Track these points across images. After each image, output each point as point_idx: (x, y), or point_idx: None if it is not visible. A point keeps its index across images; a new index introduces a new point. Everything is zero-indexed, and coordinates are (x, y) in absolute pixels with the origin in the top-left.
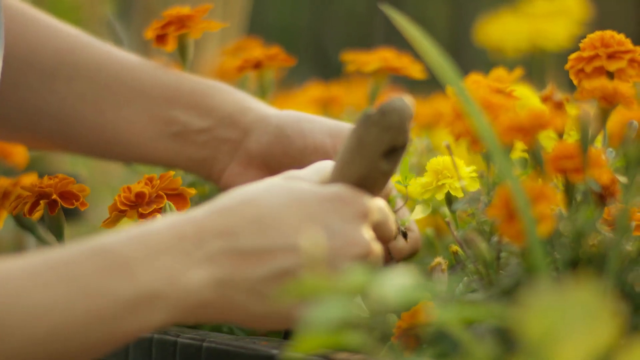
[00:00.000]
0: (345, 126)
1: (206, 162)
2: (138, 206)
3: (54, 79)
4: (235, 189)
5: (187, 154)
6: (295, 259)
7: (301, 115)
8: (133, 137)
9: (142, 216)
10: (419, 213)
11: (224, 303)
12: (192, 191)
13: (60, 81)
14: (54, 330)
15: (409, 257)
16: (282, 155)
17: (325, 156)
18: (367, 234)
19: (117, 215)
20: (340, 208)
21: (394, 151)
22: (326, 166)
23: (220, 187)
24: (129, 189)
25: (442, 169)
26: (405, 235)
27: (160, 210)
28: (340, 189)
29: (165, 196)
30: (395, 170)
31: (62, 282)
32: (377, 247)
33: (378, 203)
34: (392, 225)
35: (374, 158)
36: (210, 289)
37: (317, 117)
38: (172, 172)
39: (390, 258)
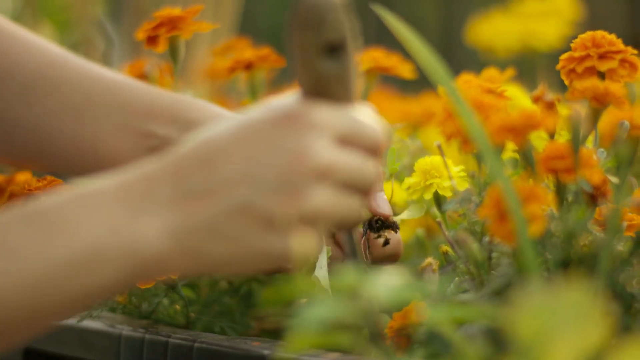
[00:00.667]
0: None
1: None
2: None
3: (32, 93)
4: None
5: None
6: (249, 190)
7: None
8: (110, 151)
9: None
10: (413, 214)
11: (184, 252)
12: None
13: (39, 95)
14: None
15: (389, 260)
16: None
17: None
18: (325, 145)
19: None
20: (291, 123)
21: (334, 50)
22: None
23: None
24: None
25: (430, 168)
26: (386, 242)
27: None
28: (289, 106)
29: None
30: (346, 71)
31: None
32: (346, 159)
33: (343, 111)
34: (372, 132)
35: (312, 61)
36: (164, 239)
37: None
38: None
39: (368, 255)
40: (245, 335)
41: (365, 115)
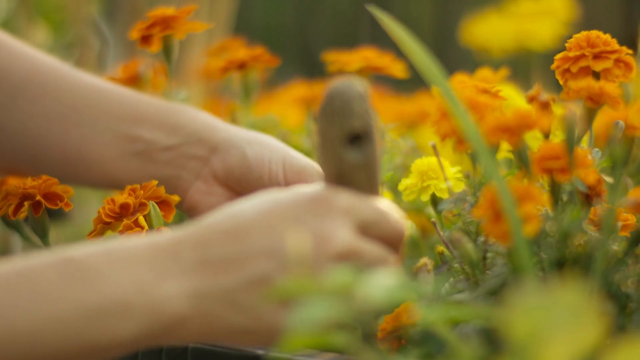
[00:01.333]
0: (302, 160)
1: (170, 180)
2: (123, 217)
3: (20, 98)
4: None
5: (151, 173)
6: (270, 264)
7: (265, 141)
8: (96, 155)
9: (127, 227)
10: None
11: (201, 317)
12: (176, 198)
13: (26, 100)
14: (14, 334)
15: None
16: (242, 180)
17: (278, 187)
18: (347, 231)
19: (103, 228)
20: (316, 207)
21: (358, 139)
22: None
23: (184, 206)
24: (112, 200)
25: (427, 170)
26: None
27: (145, 216)
28: (317, 189)
29: (148, 203)
30: (371, 160)
31: (25, 286)
32: (366, 247)
33: (367, 201)
34: (395, 225)
35: (337, 149)
36: (185, 301)
37: (278, 145)
38: (155, 182)
39: None
40: None
41: (389, 207)
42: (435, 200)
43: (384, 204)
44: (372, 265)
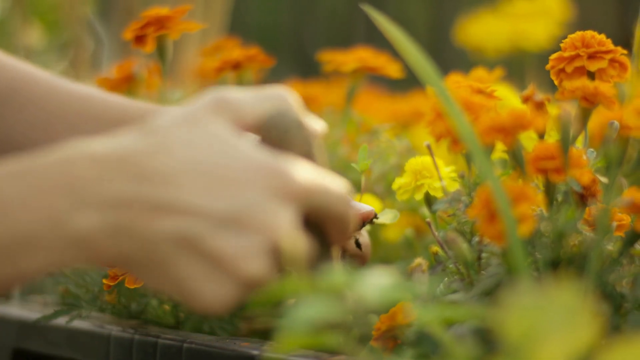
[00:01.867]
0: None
1: None
2: None
3: (5, 107)
4: (168, 115)
5: None
6: (202, 225)
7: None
8: None
9: None
10: (388, 218)
11: (114, 253)
12: None
13: (12, 109)
14: None
15: (359, 262)
16: None
17: None
18: (291, 218)
19: None
20: (268, 179)
21: None
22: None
23: None
24: None
25: (421, 169)
26: (357, 244)
27: None
28: (273, 160)
29: None
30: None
31: None
32: (299, 244)
33: (320, 181)
34: (338, 210)
35: None
36: (102, 233)
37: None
38: None
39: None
40: (234, 335)
41: (340, 193)
42: (429, 200)
43: (338, 185)
44: (296, 253)
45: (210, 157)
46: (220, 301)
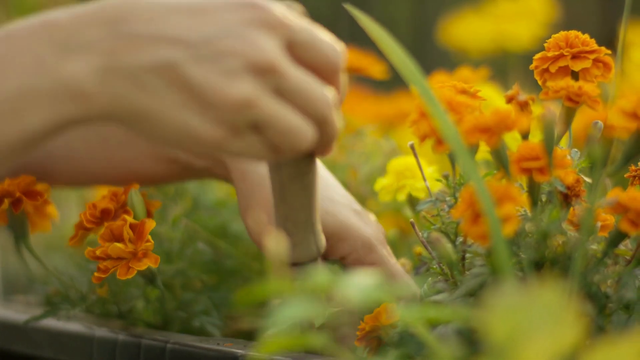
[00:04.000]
0: None
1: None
2: (104, 221)
3: None
4: None
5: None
6: (180, 53)
7: None
8: (141, 174)
9: (111, 230)
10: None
11: (107, 93)
12: (158, 204)
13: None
14: None
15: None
16: None
17: None
18: (273, 44)
19: (84, 233)
20: (242, 10)
21: None
22: None
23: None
24: (94, 205)
25: (404, 169)
26: None
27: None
28: None
29: (131, 211)
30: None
31: None
32: (291, 70)
33: (302, 20)
34: (328, 52)
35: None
36: (90, 76)
37: None
38: (137, 185)
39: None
40: (222, 335)
41: (324, 34)
42: (412, 201)
43: (320, 31)
44: (301, 92)
45: (190, 2)
46: (211, 130)
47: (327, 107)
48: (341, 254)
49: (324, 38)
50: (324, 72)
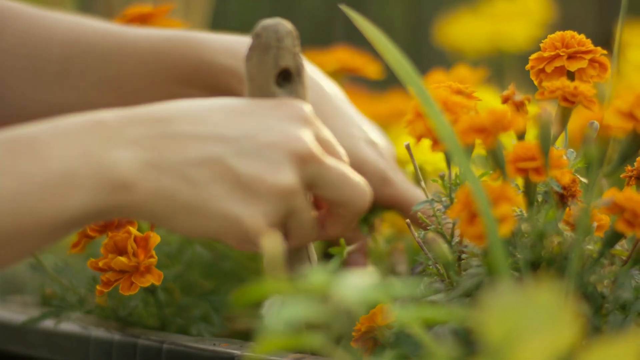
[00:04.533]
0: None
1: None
2: (108, 230)
3: (66, 77)
4: None
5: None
6: (225, 148)
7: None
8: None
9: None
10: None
11: (149, 186)
12: None
13: (74, 78)
14: None
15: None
16: None
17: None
18: (310, 136)
19: (86, 241)
20: (277, 109)
21: (288, 76)
22: None
23: None
24: None
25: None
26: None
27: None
28: (287, 99)
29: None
30: (299, 99)
31: None
32: (327, 159)
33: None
34: (340, 148)
35: (267, 84)
36: (134, 169)
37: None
38: None
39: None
40: (220, 336)
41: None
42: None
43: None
44: (335, 181)
45: (227, 102)
46: (257, 220)
47: (364, 197)
48: None
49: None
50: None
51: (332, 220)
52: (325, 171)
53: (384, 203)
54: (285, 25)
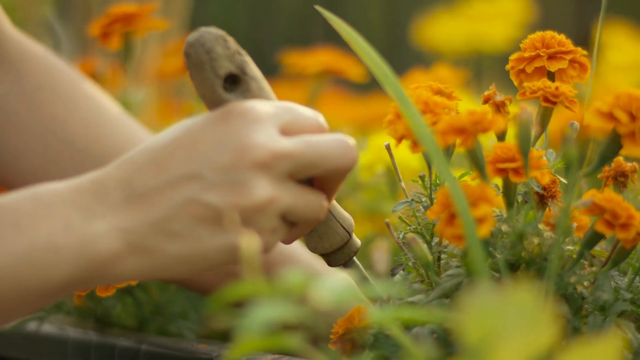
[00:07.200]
0: None
1: None
2: None
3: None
4: None
5: None
6: (195, 186)
7: None
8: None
9: None
10: None
11: (137, 252)
12: None
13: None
14: None
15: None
16: None
17: None
18: (271, 134)
19: None
20: (223, 122)
21: (236, 77)
22: None
23: None
24: None
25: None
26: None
27: None
28: (230, 105)
29: None
30: (256, 92)
31: None
32: (296, 147)
33: (276, 104)
34: (310, 117)
35: (217, 94)
36: (116, 238)
37: None
38: None
39: None
40: (200, 335)
41: (294, 104)
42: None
43: (289, 103)
44: (305, 159)
45: (177, 133)
46: (255, 241)
47: (349, 153)
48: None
49: (299, 107)
50: (314, 132)
51: (329, 187)
52: (298, 158)
53: None
54: (210, 32)
